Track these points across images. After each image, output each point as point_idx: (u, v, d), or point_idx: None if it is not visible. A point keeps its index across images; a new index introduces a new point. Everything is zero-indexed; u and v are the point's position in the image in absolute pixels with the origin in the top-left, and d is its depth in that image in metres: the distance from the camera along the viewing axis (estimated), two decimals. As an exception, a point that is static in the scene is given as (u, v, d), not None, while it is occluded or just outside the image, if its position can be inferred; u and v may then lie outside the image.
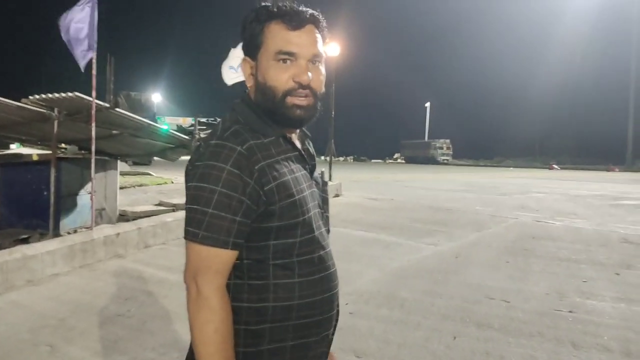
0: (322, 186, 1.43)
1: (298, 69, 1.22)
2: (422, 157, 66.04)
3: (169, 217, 7.45)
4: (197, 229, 1.16)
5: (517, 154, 68.65)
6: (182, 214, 7.81)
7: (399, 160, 74.45)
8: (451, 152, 68.45)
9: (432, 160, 63.78)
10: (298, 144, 1.33)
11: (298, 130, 1.37)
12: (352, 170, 34.00)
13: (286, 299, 1.22)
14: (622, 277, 5.69)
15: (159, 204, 9.66)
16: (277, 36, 1.22)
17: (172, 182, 14.67)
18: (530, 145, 72.59)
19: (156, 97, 46.25)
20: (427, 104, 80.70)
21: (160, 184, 14.16)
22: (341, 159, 62.34)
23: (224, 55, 9.82)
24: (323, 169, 1.58)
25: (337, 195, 13.38)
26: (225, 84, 10.03)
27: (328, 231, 1.41)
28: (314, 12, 1.26)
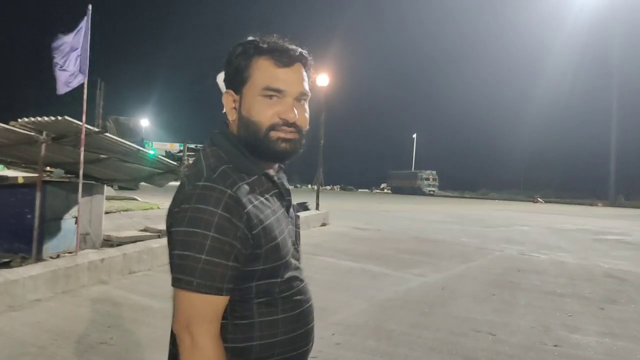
0: (295, 220, 1.41)
1: (284, 106, 1.20)
2: (408, 188, 66.30)
3: (154, 243, 7.37)
4: (190, 277, 1.10)
5: (502, 186, 69.32)
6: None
7: (385, 190, 74.66)
8: (437, 184, 68.81)
9: (418, 191, 64.04)
10: (276, 179, 1.31)
11: (276, 166, 1.34)
12: (339, 199, 34.03)
13: (271, 336, 1.21)
14: (607, 311, 5.72)
15: (145, 230, 9.57)
16: (265, 72, 1.19)
17: (159, 208, 14.57)
18: (514, 178, 73.42)
19: (144, 122, 46.24)
20: (414, 135, 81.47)
21: (147, 209, 14.05)
22: (328, 187, 62.35)
23: (211, 83, 9.90)
24: (307, 201, 1.58)
25: (324, 224, 13.36)
26: (216, 110, 10.08)
27: (299, 263, 1.39)
28: (302, 50, 1.24)
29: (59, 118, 6.12)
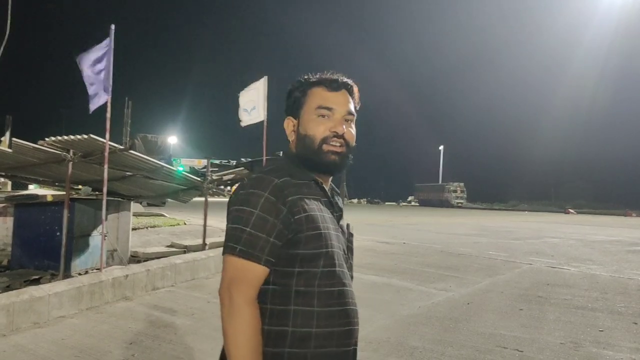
0: (348, 236, 1.56)
1: (334, 122, 1.45)
2: (435, 200, 65.60)
3: (178, 259, 7.43)
4: (235, 244, 1.32)
5: (532, 197, 68.05)
6: (191, 256, 7.82)
7: (412, 203, 74.02)
8: (465, 195, 67.91)
9: (445, 204, 63.29)
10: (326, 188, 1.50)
11: (329, 182, 1.55)
12: (365, 212, 33.87)
13: (305, 326, 1.33)
14: (640, 326, 5.53)
15: (171, 245, 9.67)
16: (318, 96, 1.47)
17: (185, 224, 14.70)
18: (545, 189, 72.03)
19: (172, 140, 46.96)
20: (441, 147, 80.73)
21: (173, 225, 14.18)
22: (354, 201, 62.16)
23: (236, 100, 10.06)
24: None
25: (348, 238, 13.29)
26: (239, 126, 10.22)
27: (351, 277, 1.51)
28: (348, 80, 1.51)
29: (85, 136, 6.25)
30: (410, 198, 78.76)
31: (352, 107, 1.50)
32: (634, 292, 7.30)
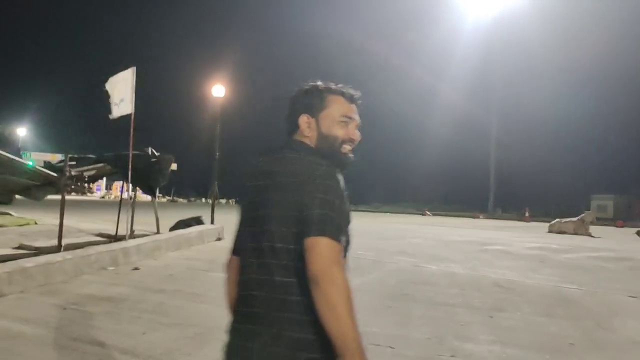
0: None
1: (351, 129, 1.76)
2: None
3: (28, 262, 6.67)
4: (331, 228, 1.46)
5: (394, 200, 71.70)
6: (45, 259, 7.07)
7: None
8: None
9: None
10: None
11: None
12: (234, 213, 33.41)
13: None
14: (495, 320, 5.95)
15: (19, 247, 8.70)
16: (342, 105, 1.75)
17: (36, 223, 13.40)
18: (406, 192, 76.22)
19: (21, 131, 42.77)
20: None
21: (22, 225, 12.86)
22: (222, 201, 61.05)
23: (98, 90, 9.45)
24: (202, 215, 1.51)
25: (219, 239, 12.97)
26: (104, 118, 9.58)
27: None
28: (357, 94, 1.81)
29: None
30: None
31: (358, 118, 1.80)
32: (487, 288, 7.89)
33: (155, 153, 12.19)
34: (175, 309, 5.85)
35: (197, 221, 13.74)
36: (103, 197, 56.42)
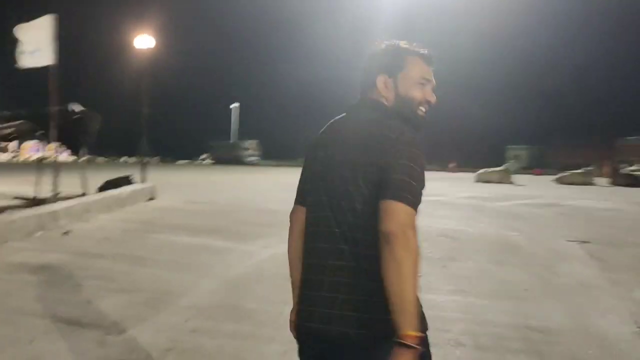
0: None
1: (428, 92, 1.71)
2: (230, 158, 65.75)
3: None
4: (410, 195, 1.45)
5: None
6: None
7: (206, 161, 73.08)
8: (259, 153, 69.39)
9: (239, 161, 63.84)
10: None
11: None
12: (162, 171, 32.25)
13: None
14: (450, 269, 5.99)
15: None
16: (421, 67, 1.69)
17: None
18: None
19: None
20: (233, 105, 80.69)
21: None
22: (146, 159, 58.63)
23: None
24: (131, 174, 1.19)
25: (151, 199, 12.39)
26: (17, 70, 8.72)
27: None
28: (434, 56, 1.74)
29: None
30: (204, 156, 77.74)
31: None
32: (434, 239, 7.96)
33: (77, 110, 11.28)
34: (120, 274, 5.44)
35: (127, 181, 13.05)
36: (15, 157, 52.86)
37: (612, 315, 4.35)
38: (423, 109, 1.70)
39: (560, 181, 30.24)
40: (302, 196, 1.78)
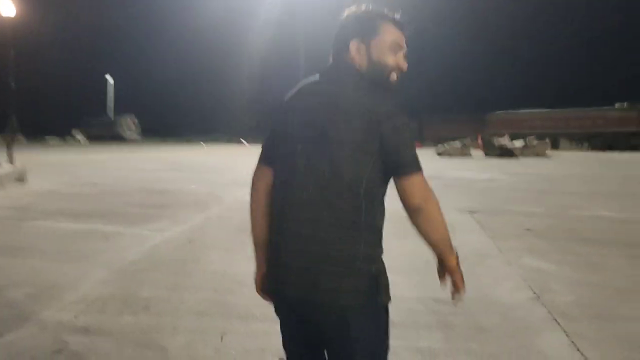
0: None
1: (400, 58, 1.73)
2: (108, 135, 62.12)
3: None
4: (419, 164, 1.60)
5: (205, 131, 70.16)
6: None
7: (82, 139, 68.14)
8: (139, 130, 66.27)
9: (119, 138, 60.56)
10: None
11: None
12: (31, 151, 29.69)
13: None
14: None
15: None
16: (394, 33, 1.72)
17: None
18: (216, 123, 74.91)
19: None
20: (109, 77, 75.81)
21: None
22: (14, 136, 53.25)
23: None
24: None
25: (20, 181, 11.29)
26: None
27: None
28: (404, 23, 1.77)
29: None
30: (78, 134, 72.42)
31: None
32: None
33: None
34: (-7, 268, 4.86)
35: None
36: None
37: (508, 283, 4.58)
38: (395, 75, 1.72)
39: (440, 153, 32.05)
40: (270, 157, 1.75)
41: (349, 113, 1.56)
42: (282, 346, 1.81)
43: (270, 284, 1.72)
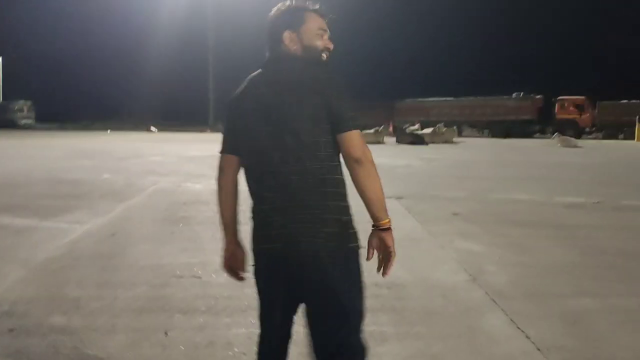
0: None
1: (326, 39, 2.00)
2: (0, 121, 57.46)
3: None
4: (357, 122, 1.84)
5: (106, 117, 66.46)
6: None
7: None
8: (33, 115, 61.90)
9: (10, 124, 56.18)
10: None
11: None
12: None
13: None
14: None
15: None
16: (317, 20, 1.99)
17: None
18: (117, 108, 71.06)
19: None
20: (-3, 58, 69.66)
21: None
22: None
23: None
24: None
25: None
26: None
27: None
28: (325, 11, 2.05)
29: None
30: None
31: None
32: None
33: None
34: None
35: None
36: None
37: (444, 266, 4.71)
38: (325, 55, 1.98)
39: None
40: (235, 145, 2.00)
41: (297, 89, 1.82)
42: (258, 318, 2.05)
43: (255, 245, 1.95)
